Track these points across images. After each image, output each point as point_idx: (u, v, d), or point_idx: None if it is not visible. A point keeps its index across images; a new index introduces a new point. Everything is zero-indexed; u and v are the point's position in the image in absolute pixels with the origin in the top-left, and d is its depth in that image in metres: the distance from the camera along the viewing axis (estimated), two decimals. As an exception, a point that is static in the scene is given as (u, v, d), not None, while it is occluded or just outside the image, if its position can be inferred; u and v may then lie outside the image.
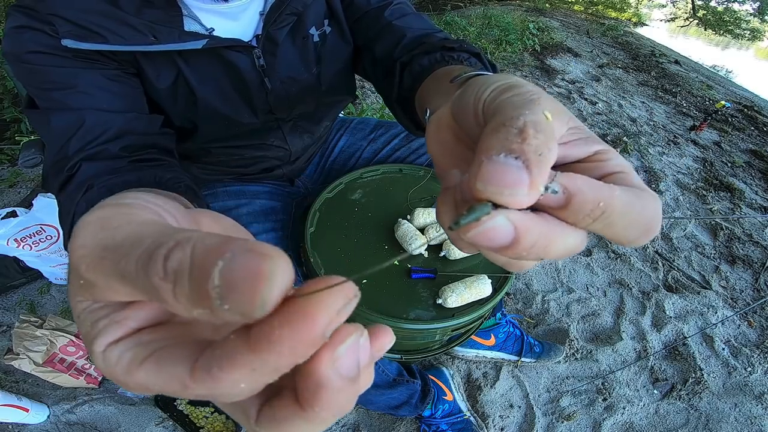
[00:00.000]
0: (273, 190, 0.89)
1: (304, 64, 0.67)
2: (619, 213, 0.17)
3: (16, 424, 1.01)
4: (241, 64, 0.60)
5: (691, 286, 1.53)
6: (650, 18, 8.34)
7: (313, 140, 0.86)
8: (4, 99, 1.97)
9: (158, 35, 0.52)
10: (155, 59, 0.56)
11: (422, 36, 0.61)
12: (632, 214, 0.18)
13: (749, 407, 1.18)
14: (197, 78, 0.60)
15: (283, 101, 0.68)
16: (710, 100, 3.13)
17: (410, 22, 0.64)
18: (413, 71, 0.54)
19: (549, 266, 1.55)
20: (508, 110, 0.19)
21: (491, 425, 1.10)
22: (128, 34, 0.50)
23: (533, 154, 0.16)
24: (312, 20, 0.64)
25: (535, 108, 0.18)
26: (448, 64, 0.50)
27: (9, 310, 1.29)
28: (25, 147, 0.86)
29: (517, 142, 0.17)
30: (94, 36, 0.49)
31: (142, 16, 0.51)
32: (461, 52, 0.53)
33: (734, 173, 2.22)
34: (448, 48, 0.54)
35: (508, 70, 3.16)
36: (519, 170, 0.16)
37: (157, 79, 0.58)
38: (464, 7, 4.66)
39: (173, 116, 0.63)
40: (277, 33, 0.61)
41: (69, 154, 0.49)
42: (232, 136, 0.72)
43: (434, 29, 0.64)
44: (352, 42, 0.70)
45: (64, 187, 0.49)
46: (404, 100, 0.57)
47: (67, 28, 0.48)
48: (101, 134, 0.50)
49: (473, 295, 0.69)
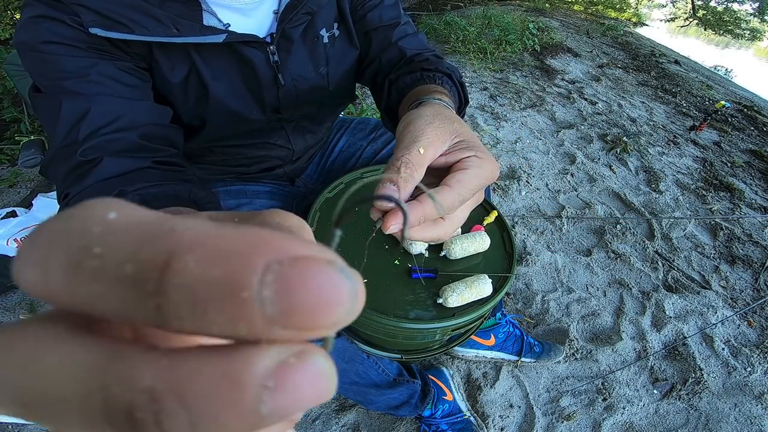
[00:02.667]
0: (274, 189, 0.89)
1: (312, 63, 0.69)
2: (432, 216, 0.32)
3: (16, 424, 1.01)
4: (256, 59, 0.61)
5: (691, 286, 1.53)
6: (650, 18, 8.34)
7: (316, 140, 0.87)
8: (4, 99, 1.97)
9: (180, 27, 0.52)
10: (171, 53, 0.57)
11: (415, 56, 0.72)
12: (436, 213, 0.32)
13: (749, 407, 1.18)
14: (210, 73, 0.60)
15: (292, 99, 0.70)
16: (710, 100, 3.13)
17: (409, 43, 0.73)
18: (398, 87, 0.64)
19: (549, 266, 1.55)
20: (398, 149, 0.34)
21: (491, 425, 1.10)
22: (152, 25, 0.51)
23: (402, 181, 0.31)
24: (323, 22, 0.67)
25: (413, 147, 0.33)
26: (425, 82, 0.60)
27: (9, 310, 1.29)
28: (25, 147, 0.86)
29: (395, 175, 0.31)
30: (119, 26, 0.49)
31: (166, 9, 0.52)
32: (436, 72, 0.62)
33: (734, 173, 2.22)
34: (427, 69, 0.64)
35: (508, 71, 3.16)
36: (394, 191, 0.31)
37: (170, 72, 0.58)
38: (464, 7, 4.66)
39: (182, 113, 0.63)
40: (292, 31, 0.62)
41: (79, 139, 0.48)
42: (236, 135, 0.72)
43: (427, 49, 0.74)
44: (358, 47, 0.74)
45: (75, 177, 0.47)
46: (391, 110, 0.67)
47: (92, 17, 0.48)
48: (114, 120, 0.50)
49: (473, 294, 0.69)
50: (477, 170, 0.35)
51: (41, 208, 1.17)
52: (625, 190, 1.98)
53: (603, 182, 2.03)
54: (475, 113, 2.51)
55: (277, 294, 0.09)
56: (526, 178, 1.99)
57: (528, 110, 2.62)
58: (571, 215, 1.80)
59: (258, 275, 0.08)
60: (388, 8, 0.73)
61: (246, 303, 0.08)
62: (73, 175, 0.47)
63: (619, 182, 2.05)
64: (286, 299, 0.09)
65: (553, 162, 2.15)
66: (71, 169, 0.48)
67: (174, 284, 0.08)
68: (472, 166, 0.35)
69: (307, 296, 0.09)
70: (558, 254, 1.60)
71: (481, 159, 0.35)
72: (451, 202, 0.33)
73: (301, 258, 0.09)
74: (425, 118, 0.37)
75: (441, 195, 0.32)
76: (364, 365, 0.84)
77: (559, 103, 2.77)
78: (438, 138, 0.35)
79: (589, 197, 1.92)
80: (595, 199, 1.92)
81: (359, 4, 0.71)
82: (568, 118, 2.59)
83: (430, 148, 0.34)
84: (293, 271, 0.09)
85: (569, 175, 2.06)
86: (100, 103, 0.50)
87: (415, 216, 0.31)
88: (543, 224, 1.74)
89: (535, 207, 1.84)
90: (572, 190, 1.97)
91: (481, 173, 0.35)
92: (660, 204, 1.91)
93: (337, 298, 0.09)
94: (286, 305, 0.09)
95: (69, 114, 0.49)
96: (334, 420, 1.08)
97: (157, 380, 0.08)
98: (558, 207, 1.85)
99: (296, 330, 0.09)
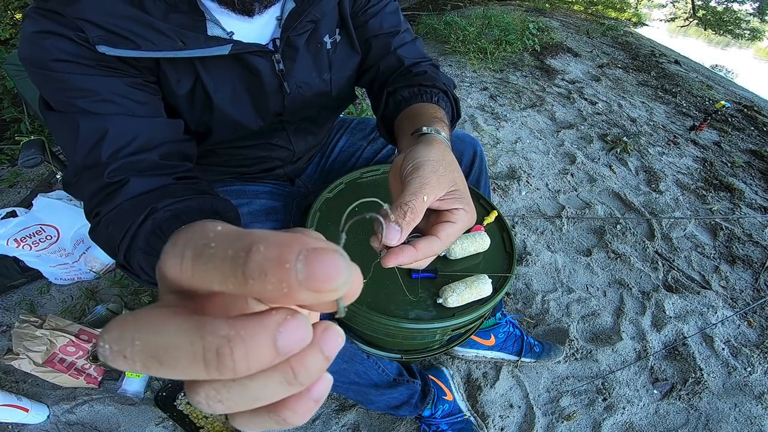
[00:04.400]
0: (273, 189, 0.89)
1: (317, 69, 0.69)
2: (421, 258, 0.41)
3: (16, 424, 1.01)
4: (262, 68, 0.61)
5: (691, 286, 1.53)
6: (650, 18, 8.34)
7: (316, 141, 0.88)
8: (4, 99, 1.97)
9: (186, 40, 0.52)
10: (177, 65, 0.56)
11: (413, 65, 0.74)
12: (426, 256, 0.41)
13: (749, 407, 1.18)
14: (213, 83, 0.60)
15: (297, 105, 0.70)
16: (710, 100, 3.13)
17: (408, 51, 0.75)
18: (396, 100, 0.67)
19: (549, 266, 1.55)
20: (405, 194, 0.40)
21: (491, 425, 1.10)
22: (158, 39, 0.50)
23: (406, 225, 0.39)
24: (326, 28, 0.67)
25: (419, 194, 0.40)
26: (422, 98, 0.64)
27: (9, 310, 1.29)
28: (25, 147, 0.86)
29: (401, 218, 0.39)
30: (126, 42, 0.49)
31: (170, 21, 0.51)
32: (433, 89, 0.66)
33: (734, 173, 2.22)
34: (424, 85, 0.67)
35: (508, 71, 3.16)
36: (397, 233, 0.38)
37: (177, 84, 0.58)
38: (464, 7, 4.66)
39: (189, 122, 0.63)
40: (297, 39, 0.62)
41: (103, 160, 0.49)
42: (239, 138, 0.73)
43: (424, 58, 0.77)
44: (360, 52, 0.74)
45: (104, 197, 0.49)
46: (386, 119, 0.70)
47: (97, 33, 0.47)
48: (132, 140, 0.51)
49: (474, 294, 0.69)
50: (462, 224, 0.43)
51: (41, 208, 1.17)
52: (625, 190, 1.98)
53: (603, 182, 2.03)
54: (475, 113, 2.51)
55: (305, 266, 0.14)
56: (526, 178, 1.99)
57: (528, 110, 2.61)
58: (571, 215, 1.80)
59: (294, 255, 0.14)
60: (388, 15, 0.73)
61: (288, 270, 0.14)
62: (102, 194, 0.50)
63: (619, 182, 2.05)
64: (309, 270, 0.14)
65: (553, 162, 2.15)
66: (99, 189, 0.49)
67: (252, 259, 0.14)
68: (459, 220, 0.43)
69: (321, 268, 0.15)
70: (558, 254, 1.60)
71: (466, 213, 0.43)
72: (438, 250, 0.42)
73: (319, 248, 0.15)
74: (431, 164, 0.43)
75: (430, 244, 0.41)
76: (364, 365, 0.84)
77: (559, 103, 2.77)
78: (440, 186, 0.42)
79: (589, 197, 1.92)
80: (595, 199, 1.92)
81: (360, 10, 0.71)
82: (568, 118, 2.59)
83: (431, 196, 0.41)
84: (314, 254, 0.15)
85: (569, 175, 2.06)
86: (116, 123, 0.50)
87: (409, 259, 0.39)
88: (543, 224, 1.74)
89: (535, 207, 1.84)
90: (572, 190, 1.97)
91: (464, 226, 0.43)
92: (660, 204, 1.91)
93: (338, 271, 0.15)
94: (309, 273, 0.14)
95: (87, 134, 0.49)
96: (334, 420, 1.07)
97: (229, 330, 0.14)
98: (558, 207, 1.85)
99: (314, 292, 0.15)
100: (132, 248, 0.48)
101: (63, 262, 1.27)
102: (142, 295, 1.31)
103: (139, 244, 0.47)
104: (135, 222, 0.47)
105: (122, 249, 0.48)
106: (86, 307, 1.29)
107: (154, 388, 1.10)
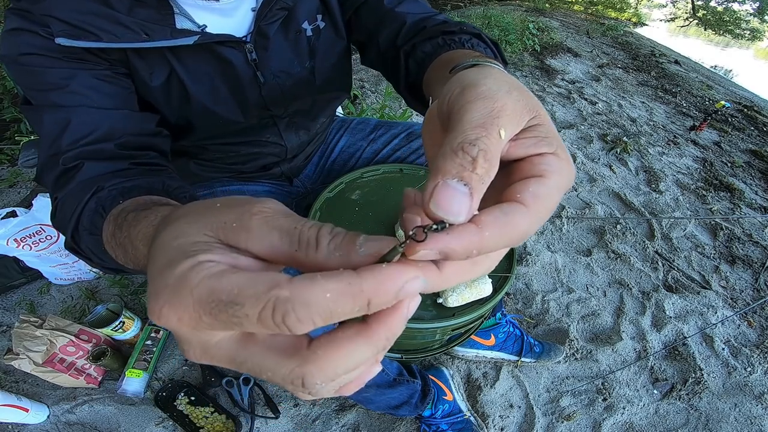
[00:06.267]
0: (272, 189, 0.89)
1: (297, 58, 0.68)
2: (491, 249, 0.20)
3: (16, 424, 1.01)
4: (234, 59, 0.61)
5: (691, 286, 1.53)
6: (650, 18, 8.35)
7: (309, 137, 0.86)
8: (4, 99, 1.97)
9: (150, 33, 0.53)
10: (147, 57, 0.57)
11: (421, 20, 0.62)
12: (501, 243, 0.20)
13: (749, 407, 1.18)
14: (190, 76, 0.60)
15: (277, 95, 0.69)
16: (710, 100, 3.13)
17: (408, 8, 0.64)
18: (417, 58, 0.56)
19: (549, 266, 1.55)
20: (467, 129, 0.21)
21: (491, 425, 1.10)
22: (120, 32, 0.51)
23: (477, 183, 0.20)
24: (304, 15, 0.66)
25: (492, 127, 0.21)
26: (450, 48, 0.51)
27: (9, 310, 1.29)
28: (25, 147, 0.86)
29: (468, 170, 0.19)
30: (88, 35, 0.50)
31: (134, 15, 0.52)
32: (461, 34, 0.53)
33: (734, 173, 2.22)
34: (449, 32, 0.54)
35: (508, 70, 3.15)
36: (465, 197, 0.19)
37: (150, 77, 0.58)
38: (464, 7, 4.66)
39: (168, 115, 0.63)
40: (268, 27, 0.62)
41: (62, 149, 0.50)
42: (228, 133, 0.72)
43: (432, 12, 0.64)
44: (345, 38, 0.72)
45: (61, 182, 0.50)
46: (412, 87, 0.59)
47: (61, 27, 0.49)
48: (93, 131, 0.52)
49: (474, 294, 0.69)
50: (558, 179, 0.22)
51: (41, 208, 1.17)
52: (625, 190, 1.98)
53: (603, 182, 2.03)
54: (475, 113, 2.51)
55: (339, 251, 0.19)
56: (526, 178, 1.99)
57: (528, 110, 2.61)
58: (571, 215, 1.80)
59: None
60: None
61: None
62: (60, 181, 0.50)
63: (619, 182, 2.05)
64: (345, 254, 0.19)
65: (553, 162, 2.15)
66: (58, 177, 0.50)
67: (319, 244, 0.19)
68: (553, 172, 0.22)
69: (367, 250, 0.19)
70: (558, 254, 1.60)
71: (561, 160, 0.23)
72: (526, 228, 0.21)
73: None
74: (497, 82, 0.24)
75: (515, 218, 0.20)
76: (364, 365, 0.84)
77: (559, 103, 2.77)
78: (517, 116, 0.23)
79: (589, 197, 1.92)
80: (595, 199, 1.92)
81: None
82: (568, 118, 2.59)
83: (509, 128, 0.22)
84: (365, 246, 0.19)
85: (569, 175, 2.06)
86: (79, 114, 0.51)
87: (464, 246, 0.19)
88: (543, 224, 1.74)
89: (535, 207, 1.84)
90: (572, 190, 1.97)
91: (562, 184, 0.23)
92: (660, 204, 1.91)
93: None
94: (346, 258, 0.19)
95: (51, 126, 0.51)
96: (334, 420, 1.08)
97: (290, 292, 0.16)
98: (558, 207, 1.85)
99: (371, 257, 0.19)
100: (78, 229, 0.47)
101: (63, 262, 1.27)
102: (142, 296, 1.31)
103: (84, 224, 0.46)
104: (81, 202, 0.46)
105: (69, 230, 0.47)
106: (86, 307, 1.29)
107: (154, 388, 1.10)
